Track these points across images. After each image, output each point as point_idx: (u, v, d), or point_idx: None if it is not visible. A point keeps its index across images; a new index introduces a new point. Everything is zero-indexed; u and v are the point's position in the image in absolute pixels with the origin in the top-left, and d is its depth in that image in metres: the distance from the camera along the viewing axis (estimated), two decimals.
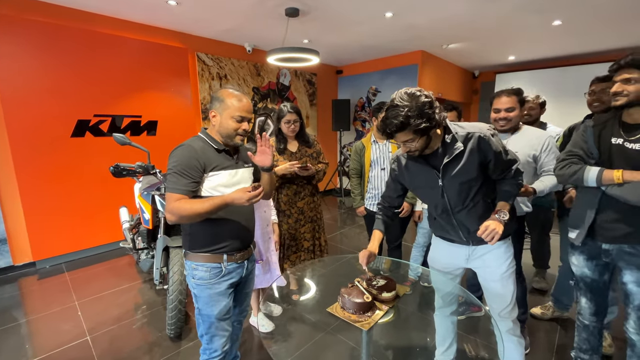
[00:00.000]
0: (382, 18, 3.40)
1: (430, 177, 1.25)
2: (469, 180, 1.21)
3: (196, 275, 1.27)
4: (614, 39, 4.34)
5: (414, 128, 1.07)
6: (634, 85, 1.15)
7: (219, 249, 1.27)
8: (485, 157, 1.19)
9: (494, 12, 3.25)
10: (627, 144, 1.20)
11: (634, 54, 1.15)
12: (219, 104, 1.24)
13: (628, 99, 1.17)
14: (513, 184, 1.25)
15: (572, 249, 1.45)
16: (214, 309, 1.27)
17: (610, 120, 1.29)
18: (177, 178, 1.16)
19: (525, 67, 6.00)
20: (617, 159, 1.22)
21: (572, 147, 1.36)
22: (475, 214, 1.26)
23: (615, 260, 1.30)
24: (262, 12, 3.22)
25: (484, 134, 1.18)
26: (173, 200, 1.15)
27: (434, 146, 1.21)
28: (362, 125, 5.92)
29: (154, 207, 2.23)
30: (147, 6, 3.06)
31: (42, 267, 3.09)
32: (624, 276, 1.28)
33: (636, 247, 1.22)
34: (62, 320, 2.23)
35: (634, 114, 1.21)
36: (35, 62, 2.85)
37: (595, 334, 1.48)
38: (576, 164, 1.30)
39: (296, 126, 2.07)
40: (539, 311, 2.19)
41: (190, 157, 1.17)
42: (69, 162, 3.14)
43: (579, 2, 3.01)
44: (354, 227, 4.21)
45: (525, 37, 4.25)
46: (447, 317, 1.50)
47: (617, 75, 1.20)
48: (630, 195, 1.15)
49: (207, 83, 4.19)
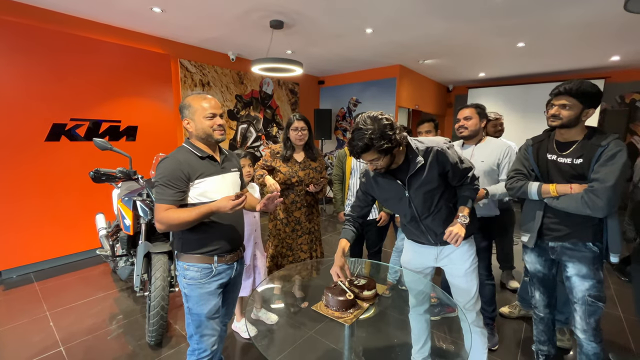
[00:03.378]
0: (363, 33, 3.58)
1: (398, 189, 1.37)
2: (432, 190, 1.34)
3: (187, 275, 1.31)
4: (570, 61, 4.79)
5: (377, 149, 1.18)
6: (567, 111, 1.35)
7: (210, 251, 1.31)
8: (444, 167, 1.32)
9: (464, 33, 3.52)
10: (560, 159, 1.41)
11: (571, 83, 1.34)
12: (188, 111, 1.29)
13: (562, 122, 1.37)
14: (471, 189, 1.40)
15: (525, 249, 1.64)
16: (204, 308, 1.31)
17: (545, 140, 1.50)
18: (163, 189, 1.21)
19: (495, 83, 6.44)
20: (553, 173, 1.43)
21: (516, 165, 1.57)
22: (440, 218, 1.40)
23: (559, 256, 1.48)
24: (248, 23, 3.30)
25: (441, 148, 1.32)
26: (162, 210, 1.20)
27: (398, 162, 1.33)
28: (343, 135, 6.08)
29: (135, 213, 2.21)
30: (130, 12, 3.06)
31: (8, 277, 2.92)
32: (567, 270, 1.46)
33: (576, 243, 1.41)
34: (33, 332, 2.13)
35: (565, 134, 1.42)
36: (7, 63, 2.75)
37: (550, 325, 1.65)
38: (521, 180, 1.50)
39: (304, 134, 2.09)
40: (507, 310, 2.35)
41: (174, 169, 1.22)
42: (42, 167, 3.02)
43: (539, 28, 3.33)
44: (335, 234, 4.29)
45: (493, 57, 4.60)
46: (421, 315, 1.61)
47: (555, 99, 1.39)
48: (566, 206, 1.36)
49: (190, 90, 4.19)
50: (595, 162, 1.30)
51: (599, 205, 1.25)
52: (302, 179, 2.12)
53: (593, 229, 1.37)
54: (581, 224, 1.38)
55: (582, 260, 1.40)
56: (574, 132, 1.40)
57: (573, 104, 1.34)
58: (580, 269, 1.41)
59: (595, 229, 1.37)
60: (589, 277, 1.39)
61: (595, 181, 1.28)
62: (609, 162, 1.26)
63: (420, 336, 1.63)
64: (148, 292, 2.04)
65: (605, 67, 5.11)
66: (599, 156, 1.29)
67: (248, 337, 2.05)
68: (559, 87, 1.37)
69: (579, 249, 1.41)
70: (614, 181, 1.23)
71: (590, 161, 1.32)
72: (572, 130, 1.40)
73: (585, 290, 1.40)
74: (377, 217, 2.29)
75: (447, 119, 7.47)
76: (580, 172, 1.35)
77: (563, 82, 1.38)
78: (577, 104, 1.33)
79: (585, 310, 1.41)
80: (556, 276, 1.60)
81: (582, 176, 1.35)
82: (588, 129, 1.40)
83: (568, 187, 1.36)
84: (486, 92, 6.43)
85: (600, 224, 1.36)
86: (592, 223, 1.36)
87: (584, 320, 1.42)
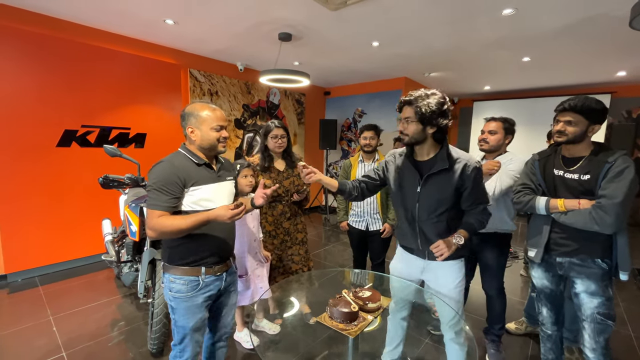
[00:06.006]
0: (369, 46, 3.64)
1: (413, 181, 1.39)
2: (442, 198, 1.34)
3: (173, 288, 1.26)
4: (576, 76, 4.80)
5: (416, 107, 1.26)
6: (573, 127, 1.36)
7: (197, 263, 1.27)
8: (463, 183, 1.31)
9: (470, 47, 3.56)
10: (567, 175, 1.41)
11: (575, 100, 1.34)
12: (195, 119, 1.25)
13: (567, 138, 1.38)
14: (478, 219, 1.35)
15: (532, 264, 1.62)
16: (190, 321, 1.28)
17: (551, 155, 1.51)
18: (157, 195, 1.16)
19: (500, 96, 6.46)
20: (560, 188, 1.43)
21: (523, 179, 1.56)
22: (435, 229, 1.38)
23: (567, 272, 1.46)
24: (257, 36, 3.38)
25: (470, 164, 1.31)
26: (155, 217, 1.15)
27: (424, 153, 1.37)
28: (348, 145, 6.11)
29: (142, 220, 2.23)
30: (144, 23, 3.15)
31: (14, 281, 2.95)
32: (575, 287, 1.43)
33: (584, 259, 1.39)
34: (36, 336, 2.14)
35: (571, 150, 1.42)
36: (24, 70, 2.84)
37: (558, 343, 1.62)
38: (529, 195, 1.50)
39: (283, 142, 2.04)
40: (514, 326, 2.30)
41: (170, 173, 1.18)
42: (52, 172, 3.08)
43: (544, 43, 3.36)
44: (338, 244, 4.26)
45: (499, 70, 4.63)
46: (399, 321, 1.61)
47: (560, 115, 1.39)
48: (574, 221, 1.35)
49: (198, 99, 4.26)
50: (602, 178, 1.29)
51: (607, 221, 1.24)
52: (287, 188, 2.07)
53: (602, 245, 1.35)
54: (590, 240, 1.36)
55: (590, 276, 1.38)
56: (580, 147, 1.40)
57: (578, 120, 1.34)
58: (588, 286, 1.38)
59: (604, 244, 1.35)
60: (598, 295, 1.37)
61: (603, 197, 1.27)
62: (616, 178, 1.26)
63: (394, 338, 1.65)
64: (151, 299, 2.04)
65: (611, 82, 5.11)
66: (606, 172, 1.29)
67: (251, 348, 2.03)
68: (563, 104, 1.38)
69: (587, 265, 1.38)
70: (622, 197, 1.23)
71: (597, 177, 1.31)
72: (579, 146, 1.40)
73: (594, 307, 1.37)
74: (381, 228, 2.28)
75: (452, 131, 7.48)
76: (587, 188, 1.35)
77: (568, 98, 1.39)
78: (582, 120, 1.34)
79: (594, 328, 1.38)
80: (564, 292, 1.57)
81: (590, 192, 1.34)
82: (594, 144, 1.40)
83: (576, 202, 1.36)
84: (491, 105, 6.44)
85: (610, 240, 1.34)
86: (601, 239, 1.34)
87: (592, 339, 1.39)
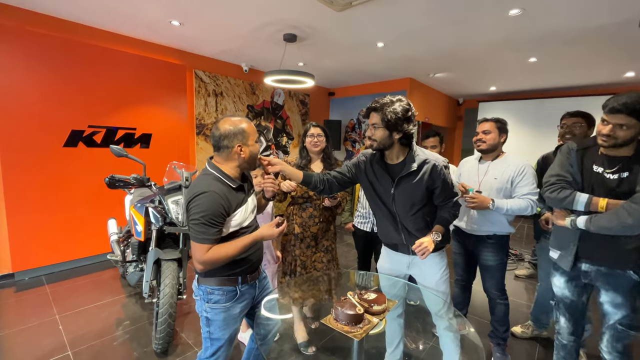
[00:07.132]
0: (374, 47, 3.63)
1: (386, 184, 1.44)
2: (414, 198, 1.40)
3: (212, 299, 1.25)
4: (583, 77, 4.75)
5: (382, 114, 1.29)
6: (625, 132, 1.20)
7: (235, 273, 1.27)
8: (434, 182, 1.38)
9: (475, 47, 3.54)
10: (607, 174, 1.29)
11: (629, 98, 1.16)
12: (242, 136, 1.21)
13: (616, 142, 1.23)
14: (451, 213, 1.44)
15: (555, 270, 1.53)
16: (226, 333, 1.28)
17: (592, 148, 1.35)
18: (205, 228, 1.13)
19: (506, 97, 6.41)
20: (597, 186, 1.30)
21: (560, 171, 1.39)
22: (414, 224, 1.46)
23: (593, 281, 1.38)
24: (262, 36, 3.38)
25: (438, 164, 1.37)
26: (204, 250, 1.13)
27: (394, 157, 1.41)
28: (352, 146, 6.10)
29: (147, 220, 2.24)
30: (150, 25, 3.17)
31: (21, 279, 2.98)
32: (601, 296, 1.37)
33: (613, 269, 1.31)
34: (42, 335, 2.16)
35: (614, 150, 1.29)
36: (31, 71, 2.88)
37: (573, 352, 1.54)
38: (566, 189, 1.35)
39: (320, 141, 1.97)
40: (519, 330, 2.27)
41: (217, 205, 1.15)
42: (59, 172, 3.11)
43: (551, 43, 3.32)
44: (342, 245, 4.25)
45: (505, 71, 4.59)
46: (394, 319, 1.63)
47: (610, 116, 1.21)
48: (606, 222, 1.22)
49: (203, 99, 4.28)
50: None
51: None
52: None
53: (635, 255, 1.25)
54: (622, 249, 1.26)
55: (617, 288, 1.30)
56: (624, 149, 1.26)
57: (632, 124, 1.17)
58: (614, 298, 1.31)
59: (637, 254, 1.25)
60: (624, 307, 1.29)
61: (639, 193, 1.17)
62: None
63: (393, 339, 1.67)
64: (156, 298, 2.05)
65: (619, 83, 5.04)
66: None
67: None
68: (614, 104, 1.19)
69: (616, 276, 1.30)
70: None
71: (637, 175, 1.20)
72: (624, 148, 1.26)
73: (618, 319, 1.31)
74: None
75: (457, 132, 7.44)
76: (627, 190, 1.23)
77: (615, 96, 1.20)
78: (636, 123, 1.17)
79: (613, 334, 1.34)
80: (586, 304, 1.49)
81: (630, 194, 1.21)
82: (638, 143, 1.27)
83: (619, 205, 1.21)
84: (497, 106, 6.39)
85: None
86: (634, 246, 1.23)
87: (610, 343, 1.35)
